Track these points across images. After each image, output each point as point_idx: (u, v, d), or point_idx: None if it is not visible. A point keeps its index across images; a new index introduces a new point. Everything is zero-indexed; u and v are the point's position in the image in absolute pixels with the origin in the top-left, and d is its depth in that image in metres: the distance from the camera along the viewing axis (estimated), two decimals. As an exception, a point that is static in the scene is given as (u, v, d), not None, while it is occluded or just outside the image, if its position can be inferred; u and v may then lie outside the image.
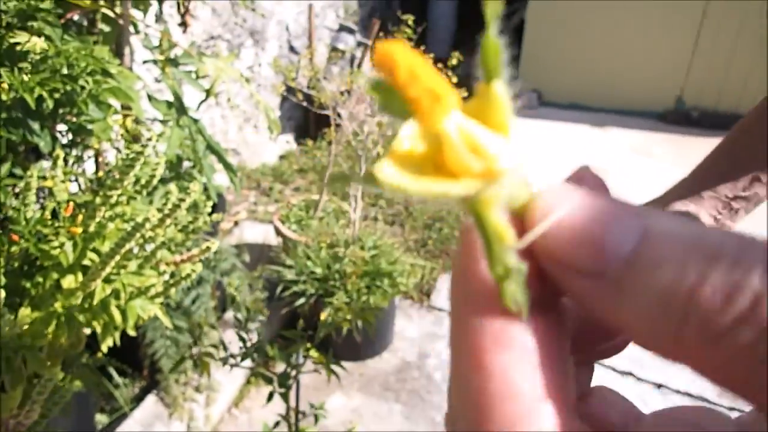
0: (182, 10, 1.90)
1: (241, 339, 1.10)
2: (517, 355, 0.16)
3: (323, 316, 1.97)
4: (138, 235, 0.97)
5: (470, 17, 5.77)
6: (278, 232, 2.39)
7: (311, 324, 2.08)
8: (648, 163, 3.95)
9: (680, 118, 4.57)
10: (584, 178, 0.18)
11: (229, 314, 2.14)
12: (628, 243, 0.15)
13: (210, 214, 1.94)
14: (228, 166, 1.48)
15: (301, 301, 2.01)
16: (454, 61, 1.83)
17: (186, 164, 1.91)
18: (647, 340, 0.15)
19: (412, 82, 0.15)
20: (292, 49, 3.68)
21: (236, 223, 2.96)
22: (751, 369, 0.13)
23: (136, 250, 1.04)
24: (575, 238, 0.15)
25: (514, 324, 0.16)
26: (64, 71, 1.08)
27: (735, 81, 4.45)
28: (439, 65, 1.96)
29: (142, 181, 1.17)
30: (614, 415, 0.20)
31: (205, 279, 1.74)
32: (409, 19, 1.85)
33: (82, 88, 1.10)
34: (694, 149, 4.11)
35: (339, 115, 1.93)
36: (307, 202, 2.62)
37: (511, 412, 0.15)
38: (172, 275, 1.25)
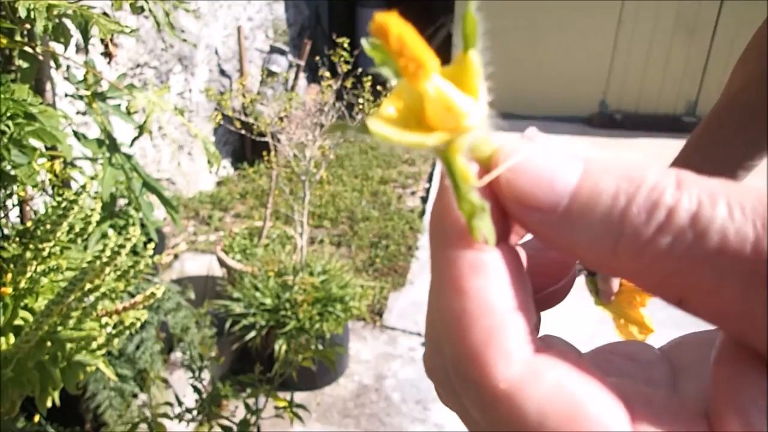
0: (105, 40, 1.82)
1: (196, 390, 1.04)
2: (489, 277, 0.19)
3: (277, 348, 1.92)
4: (77, 288, 0.90)
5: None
6: (222, 264, 2.31)
7: (264, 358, 2.02)
8: (579, 167, 4.10)
9: (605, 121, 4.79)
10: (533, 136, 0.21)
11: (177, 354, 2.04)
12: (573, 178, 0.18)
13: (151, 255, 1.85)
14: (167, 202, 1.41)
15: (252, 334, 1.95)
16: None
17: (121, 201, 1.82)
18: (593, 260, 0.18)
19: (401, 48, 0.18)
20: (222, 72, 3.60)
21: (176, 256, 2.84)
22: (670, 269, 0.17)
23: (74, 305, 0.97)
24: (530, 178, 0.19)
25: (485, 252, 0.19)
26: (-19, 117, 0.99)
27: (652, 82, 4.72)
28: (371, 79, 1.95)
29: (77, 229, 1.10)
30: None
31: (149, 322, 1.65)
32: (345, 41, 1.85)
33: (2, 132, 1.02)
34: (618, 149, 4.33)
35: (278, 140, 1.89)
36: (250, 229, 2.55)
37: (488, 325, 0.18)
38: (115, 325, 1.18)
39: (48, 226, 0.94)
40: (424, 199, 3.66)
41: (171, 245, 2.97)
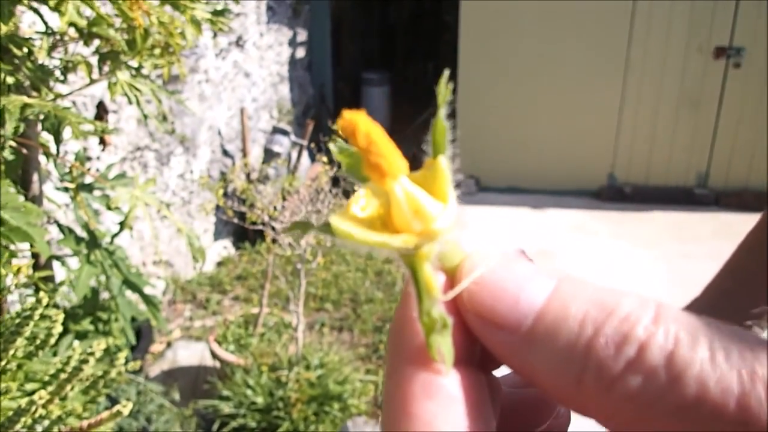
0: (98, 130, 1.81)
1: None
2: (442, 403, 0.17)
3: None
4: (23, 420, 0.80)
5: (404, 108, 5.95)
6: (214, 355, 2.19)
7: (255, 462, 1.86)
8: (588, 240, 4.01)
9: (614, 194, 4.73)
10: (509, 251, 0.20)
11: (160, 458, 1.89)
12: (539, 299, 0.17)
13: (134, 347, 1.73)
14: (149, 302, 1.33)
15: (242, 436, 1.81)
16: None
17: (105, 294, 1.74)
18: (555, 391, 0.17)
19: (369, 147, 0.19)
20: (225, 152, 3.61)
21: (169, 344, 2.73)
22: (639, 414, 0.15)
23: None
24: (493, 292, 0.18)
25: (440, 374, 0.18)
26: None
27: (660, 154, 4.70)
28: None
29: (41, 338, 1.02)
30: None
31: (127, 429, 1.53)
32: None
33: (-36, 238, 0.96)
34: (630, 223, 4.24)
35: (273, 229, 1.82)
36: (246, 316, 2.45)
37: None
38: (81, 442, 1.07)
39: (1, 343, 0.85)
40: (431, 279, 3.55)
41: (164, 332, 2.86)
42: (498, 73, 4.65)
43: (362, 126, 0.18)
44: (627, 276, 3.50)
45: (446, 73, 0.22)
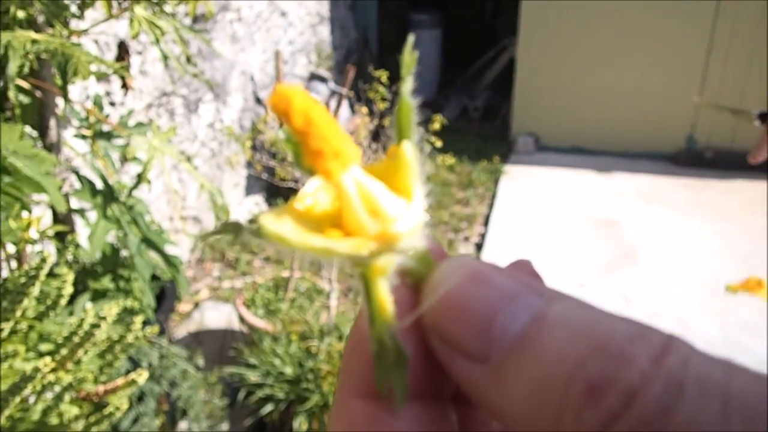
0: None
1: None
2: None
3: (296, 426, 1.79)
4: (30, 386, 0.81)
5: (457, 53, 5.79)
6: (242, 320, 2.22)
7: (281, 436, 1.90)
8: (659, 211, 3.86)
9: (693, 159, 4.52)
10: (519, 266, 0.17)
11: (183, 425, 1.95)
12: (517, 324, 0.15)
13: (155, 309, 1.76)
14: (170, 262, 1.33)
15: (269, 408, 1.83)
16: (436, 125, 1.72)
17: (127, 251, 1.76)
18: None
19: (308, 129, 0.16)
20: (258, 101, 3.59)
21: (196, 305, 2.79)
22: None
23: (33, 399, 0.88)
24: (460, 315, 0.15)
25: (386, 410, 0.16)
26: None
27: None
28: (425, 113, 1.85)
29: (51, 297, 1.03)
30: None
31: (149, 393, 1.57)
32: (383, 75, 1.75)
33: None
34: (710, 194, 4.05)
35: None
36: (276, 279, 2.46)
37: None
38: (97, 407, 1.10)
39: (5, 302, 0.86)
40: (479, 246, 3.50)
41: (192, 291, 2.93)
42: (565, 13, 4.44)
43: (298, 103, 0.16)
44: (702, 254, 3.36)
45: (411, 39, 0.19)
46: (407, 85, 0.18)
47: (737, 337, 2.66)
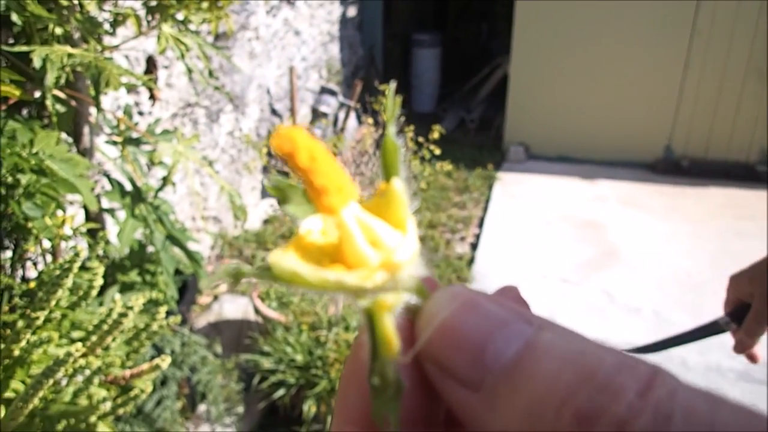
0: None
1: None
2: None
3: (306, 409, 1.79)
4: (68, 362, 0.80)
5: (455, 69, 5.78)
6: (257, 311, 2.21)
7: (293, 417, 1.89)
8: (639, 215, 3.84)
9: (670, 167, 4.50)
10: (506, 293, 0.17)
11: (202, 407, 1.94)
12: (509, 351, 0.14)
13: (178, 301, 1.75)
14: (192, 257, 1.32)
15: (281, 392, 1.83)
16: (435, 135, 1.71)
17: (153, 247, 1.76)
18: None
19: (313, 168, 0.16)
20: (274, 112, 3.59)
21: (216, 297, 2.78)
22: None
23: (65, 382, 0.88)
24: (453, 341, 0.15)
25: None
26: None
27: (722, 127, 4.41)
28: (421, 125, 1.84)
29: (83, 289, 1.02)
30: None
31: (171, 377, 1.56)
32: (388, 89, 1.74)
33: (12, 187, 0.96)
34: (686, 199, 4.03)
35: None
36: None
37: None
38: (123, 390, 1.09)
39: (41, 293, 0.86)
40: (474, 246, 3.49)
41: (212, 285, 2.92)
42: (554, 34, 4.43)
43: (303, 143, 0.15)
44: (676, 253, 3.34)
45: (392, 86, 0.18)
46: (391, 127, 0.18)
47: (710, 331, 2.64)
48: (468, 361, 0.15)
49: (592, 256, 3.33)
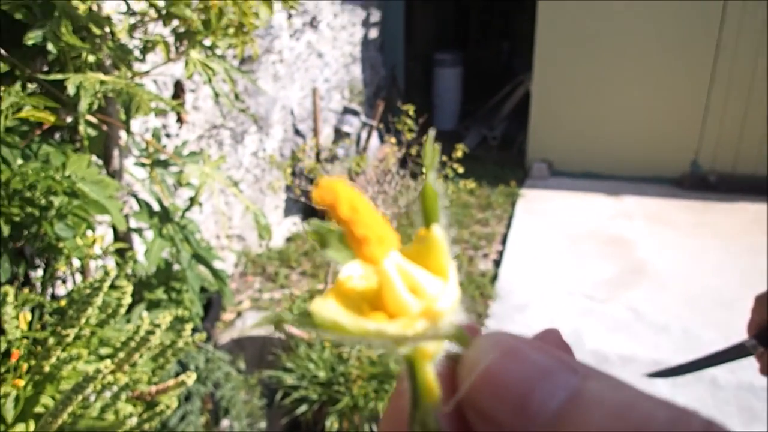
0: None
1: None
2: None
3: (328, 425, 1.79)
4: (97, 378, 0.83)
5: (477, 88, 5.80)
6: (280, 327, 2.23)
7: (315, 434, 1.89)
8: (667, 231, 3.77)
9: (697, 182, 4.42)
10: (547, 337, 0.16)
11: (225, 423, 1.96)
12: (554, 402, 0.14)
13: (203, 318, 1.78)
14: (218, 275, 1.35)
15: (303, 408, 1.83)
16: (458, 153, 1.72)
17: (179, 266, 1.79)
18: None
19: (354, 218, 0.16)
20: (297, 132, 3.65)
21: (239, 314, 2.81)
22: None
23: (93, 398, 0.90)
24: (497, 391, 0.14)
25: None
26: (27, 194, 0.98)
27: (750, 141, 4.33)
28: (444, 144, 1.85)
29: (112, 307, 1.05)
30: None
31: (195, 393, 1.58)
32: (410, 109, 1.77)
33: (45, 208, 1.00)
34: (714, 215, 3.95)
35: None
36: (312, 291, 2.48)
37: None
38: (149, 406, 1.11)
39: (72, 311, 0.88)
40: (497, 263, 3.47)
41: (236, 301, 2.96)
42: (576, 52, 4.42)
43: (344, 194, 0.16)
44: (705, 270, 3.27)
45: (431, 133, 0.18)
46: (431, 174, 0.18)
47: (741, 350, 2.56)
48: (512, 411, 0.14)
49: (618, 272, 3.28)
